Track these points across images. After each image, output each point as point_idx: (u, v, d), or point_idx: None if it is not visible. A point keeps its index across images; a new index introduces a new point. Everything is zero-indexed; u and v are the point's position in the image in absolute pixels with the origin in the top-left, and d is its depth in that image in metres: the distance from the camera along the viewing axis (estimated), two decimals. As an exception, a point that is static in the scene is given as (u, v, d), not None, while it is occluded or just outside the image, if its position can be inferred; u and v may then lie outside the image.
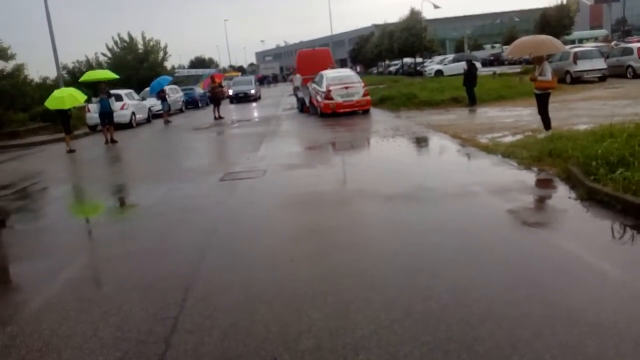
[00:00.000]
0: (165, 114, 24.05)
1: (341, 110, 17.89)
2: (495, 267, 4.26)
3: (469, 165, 8.81)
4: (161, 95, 24.43)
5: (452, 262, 4.43)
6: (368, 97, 18.44)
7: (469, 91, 18.22)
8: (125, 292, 4.45)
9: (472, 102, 18.07)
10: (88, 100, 20.56)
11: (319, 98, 18.67)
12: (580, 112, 13.14)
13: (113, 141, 16.84)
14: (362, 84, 18.76)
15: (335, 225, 5.88)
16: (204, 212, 6.98)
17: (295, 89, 25.05)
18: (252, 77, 42.22)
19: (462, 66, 21.33)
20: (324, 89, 18.15)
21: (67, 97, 15.56)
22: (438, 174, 8.22)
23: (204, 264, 4.94)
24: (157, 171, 11.08)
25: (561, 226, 5.34)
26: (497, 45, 58.03)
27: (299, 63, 26.51)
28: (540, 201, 6.33)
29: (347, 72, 20.85)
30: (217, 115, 22.84)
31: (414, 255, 4.72)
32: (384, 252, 4.86)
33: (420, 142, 11.69)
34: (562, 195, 6.24)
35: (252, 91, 35.61)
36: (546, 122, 10.14)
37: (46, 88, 24.65)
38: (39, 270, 5.26)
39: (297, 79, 25.42)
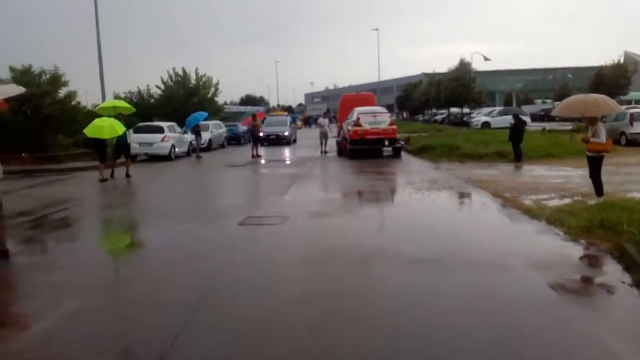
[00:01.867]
0: (197, 148, 24.09)
1: (368, 137, 19.50)
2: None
3: (507, 231, 7.96)
4: (196, 130, 24.42)
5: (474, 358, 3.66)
6: (394, 127, 20.37)
7: (515, 146, 17.33)
8: (93, 355, 3.91)
9: (517, 158, 17.14)
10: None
11: (349, 127, 20.23)
12: (636, 178, 12.08)
13: (127, 175, 16.26)
14: (389, 115, 21.22)
15: (347, 289, 5.21)
16: (210, 261, 6.43)
17: (323, 134, 23.62)
18: (288, 118, 37.31)
19: (509, 119, 20.54)
20: (354, 119, 19.95)
21: (106, 127, 15.61)
22: (472, 237, 7.40)
23: (189, 327, 4.33)
24: (179, 209, 10.67)
25: (611, 320, 4.47)
26: (549, 100, 56.59)
27: (341, 107, 26.21)
28: (588, 284, 5.44)
29: (376, 108, 22.85)
30: (254, 154, 22.73)
31: (428, 342, 3.96)
32: (393, 332, 4.13)
33: (457, 198, 10.89)
34: (614, 277, 5.36)
35: (286, 133, 31.62)
36: (598, 188, 9.23)
37: (96, 116, 25.28)
38: (3, 320, 4.83)
39: (325, 122, 24.02)
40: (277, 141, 30.60)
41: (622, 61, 42.92)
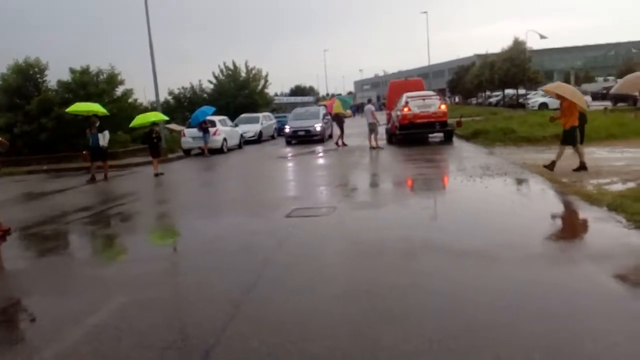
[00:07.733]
0: (205, 147, 22.10)
1: (418, 121, 18.97)
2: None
3: (565, 219, 7.57)
4: (203, 127, 22.06)
5: None
6: (445, 110, 19.57)
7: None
8: (141, 350, 4.00)
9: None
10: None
11: (398, 113, 19.65)
12: None
13: (106, 178, 15.73)
14: (439, 98, 20.58)
15: (391, 285, 5.06)
16: (256, 255, 6.44)
17: (371, 125, 19.47)
18: (320, 108, 28.33)
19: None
20: (403, 104, 19.40)
21: (151, 114, 16.00)
22: (525, 227, 7.01)
23: (235, 322, 4.37)
24: (229, 202, 10.85)
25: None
26: (611, 78, 53.58)
27: (390, 94, 25.84)
28: (653, 275, 5.05)
29: (426, 92, 22.41)
30: (340, 143, 21.75)
31: (473, 345, 3.72)
32: (437, 334, 3.93)
33: (511, 185, 10.46)
34: (684, 269, 4.97)
35: (317, 128, 24.73)
36: (665, 170, 8.63)
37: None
38: (59, 313, 5.01)
39: (370, 109, 19.98)
40: (306, 138, 24.59)
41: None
